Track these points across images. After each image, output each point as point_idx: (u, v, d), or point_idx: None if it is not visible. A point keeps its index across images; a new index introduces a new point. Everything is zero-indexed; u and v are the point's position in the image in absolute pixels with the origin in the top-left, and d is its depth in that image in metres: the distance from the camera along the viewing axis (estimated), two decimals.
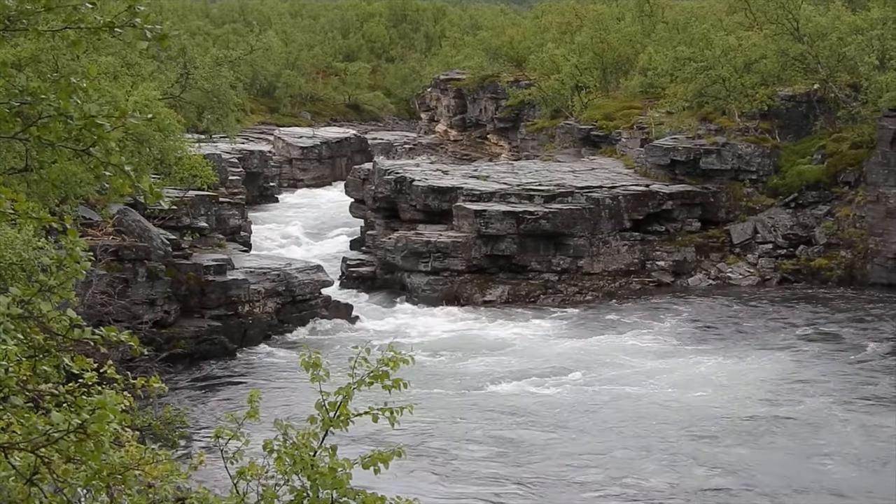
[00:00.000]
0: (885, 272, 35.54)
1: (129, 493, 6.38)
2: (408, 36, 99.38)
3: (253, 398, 7.21)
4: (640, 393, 25.12)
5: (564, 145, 48.22)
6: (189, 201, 33.02)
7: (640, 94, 48.14)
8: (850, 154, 37.83)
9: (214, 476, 12.43)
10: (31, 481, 6.02)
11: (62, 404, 6.20)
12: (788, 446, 21.38)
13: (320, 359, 6.98)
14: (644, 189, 38.49)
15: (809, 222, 37.94)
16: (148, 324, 27.17)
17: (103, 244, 26.55)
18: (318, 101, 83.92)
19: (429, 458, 21.03)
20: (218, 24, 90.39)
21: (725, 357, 28.04)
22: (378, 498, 6.45)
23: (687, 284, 37.08)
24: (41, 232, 16.59)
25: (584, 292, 36.27)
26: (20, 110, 6.07)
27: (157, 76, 38.54)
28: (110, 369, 7.11)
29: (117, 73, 30.18)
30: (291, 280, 31.58)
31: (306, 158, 63.30)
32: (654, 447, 21.43)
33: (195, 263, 29.88)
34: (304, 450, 6.64)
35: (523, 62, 61.51)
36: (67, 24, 6.06)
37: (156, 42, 5.99)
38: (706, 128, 40.82)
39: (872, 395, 24.54)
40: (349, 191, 44.61)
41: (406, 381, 6.84)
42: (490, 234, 36.02)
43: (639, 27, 56.04)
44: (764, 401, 24.23)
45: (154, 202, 6.22)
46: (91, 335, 6.34)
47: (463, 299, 35.69)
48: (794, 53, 40.54)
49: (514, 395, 25.33)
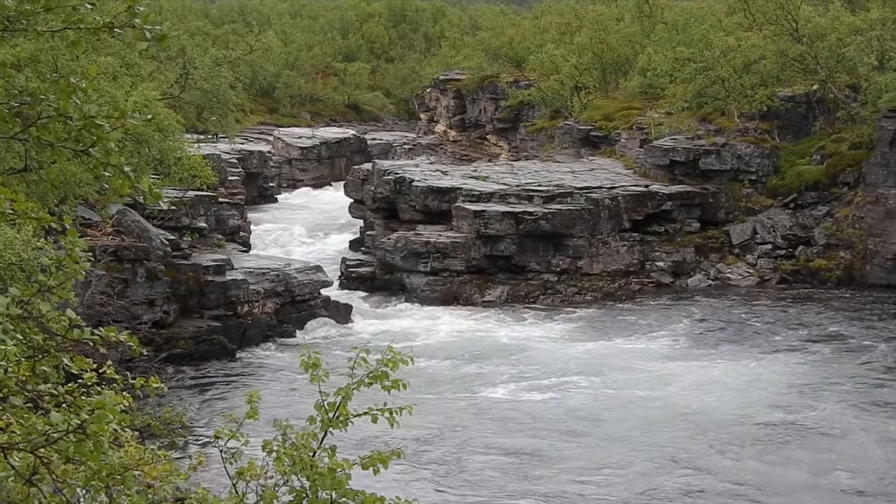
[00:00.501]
0: (884, 273, 35.55)
1: (129, 494, 6.38)
2: (407, 36, 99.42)
3: (252, 398, 7.21)
4: (648, 397, 24.92)
5: (564, 146, 48.24)
6: (188, 201, 33.02)
7: (640, 95, 48.17)
8: (850, 155, 37.83)
9: (213, 476, 12.43)
10: (31, 481, 6.02)
11: (61, 405, 6.19)
12: (803, 454, 21.03)
13: (320, 359, 6.97)
14: (643, 189, 38.49)
15: (809, 223, 37.94)
16: (147, 324, 27.16)
17: (102, 244, 26.54)
18: (317, 101, 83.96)
19: (429, 463, 20.97)
20: (217, 24, 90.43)
21: (731, 360, 27.84)
22: (377, 498, 6.45)
23: (686, 285, 37.07)
24: (40, 232, 16.59)
25: (583, 293, 36.26)
26: (20, 111, 6.07)
27: (157, 76, 38.54)
28: (109, 370, 7.10)
29: (116, 74, 30.17)
30: (291, 280, 31.56)
31: (306, 159, 63.31)
32: (664, 455, 21.19)
33: (194, 264, 29.88)
34: (303, 450, 6.64)
35: (523, 63, 61.55)
36: (67, 25, 6.06)
37: (155, 42, 5.99)
38: (705, 128, 40.84)
39: (883, 400, 24.27)
40: (348, 191, 44.62)
41: (405, 382, 6.83)
42: (489, 235, 36.02)
43: (638, 28, 56.08)
44: (775, 406, 24.00)
45: (153, 202, 6.23)
46: (90, 335, 6.33)
47: (462, 300, 35.69)
48: (794, 54, 40.55)
49: (515, 399, 25.20)
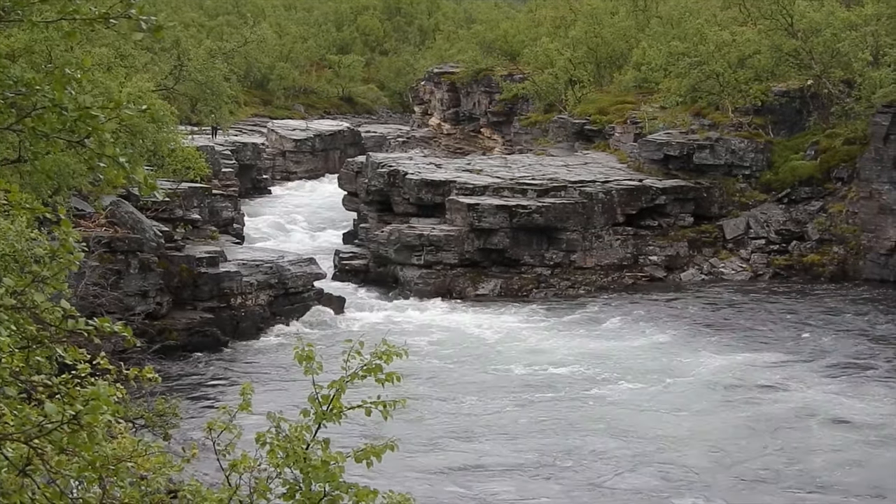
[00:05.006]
0: (877, 268, 35.60)
1: (122, 485, 6.38)
2: (402, 29, 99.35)
3: (245, 390, 7.21)
4: (648, 393, 24.79)
5: (558, 139, 48.25)
6: (182, 193, 32.97)
7: (634, 89, 48.20)
8: (844, 150, 37.87)
9: (207, 468, 12.44)
10: (24, 472, 6.02)
11: (55, 395, 6.19)
12: (813, 457, 20.71)
13: (313, 352, 6.97)
14: (637, 184, 38.50)
15: (802, 218, 37.98)
16: (140, 315, 27.15)
17: (96, 235, 26.52)
18: (311, 93, 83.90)
19: (422, 454, 20.99)
20: (212, 15, 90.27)
21: (730, 357, 27.61)
22: (371, 492, 6.44)
23: (679, 279, 37.11)
24: (34, 223, 16.56)
25: (576, 286, 36.29)
26: (14, 101, 6.06)
27: (151, 68, 38.49)
28: (103, 360, 7.10)
29: (111, 65, 30.13)
30: (284, 272, 31.54)
31: (299, 151, 63.29)
32: (669, 458, 21.14)
33: (188, 255, 29.85)
34: (296, 443, 6.63)
35: (517, 56, 61.55)
36: (62, 15, 6.05)
37: (151, 33, 5.98)
38: (699, 123, 40.86)
39: (872, 396, 24.11)
40: (342, 183, 44.61)
41: (399, 375, 6.83)
42: (483, 228, 36.01)
43: (633, 22, 56.11)
44: (771, 401, 23.95)
45: (148, 193, 6.21)
46: (84, 326, 6.32)
47: (455, 293, 35.69)
48: (788, 49, 40.58)
49: (509, 394, 25.15)
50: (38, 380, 6.41)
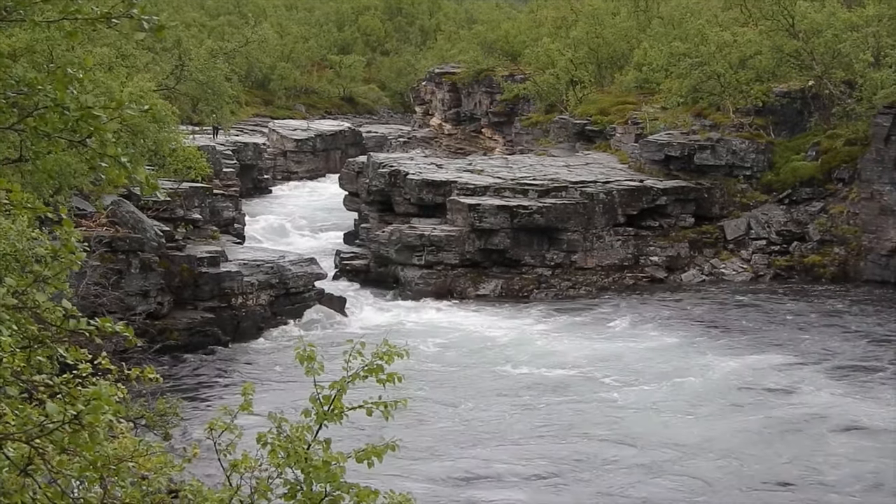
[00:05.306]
0: (878, 269, 35.58)
1: (123, 485, 6.38)
2: (403, 29, 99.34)
3: (246, 390, 7.21)
4: (657, 397, 24.62)
5: (559, 140, 48.25)
6: (183, 193, 32.97)
7: (635, 90, 48.19)
8: (845, 151, 37.86)
9: (208, 468, 12.42)
10: (26, 472, 6.02)
11: (56, 395, 6.19)
12: (828, 465, 20.53)
13: (314, 352, 6.97)
14: (638, 184, 38.48)
15: (803, 219, 37.96)
16: (141, 315, 27.15)
17: (97, 235, 26.51)
18: (312, 93, 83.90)
19: (424, 460, 20.90)
20: (213, 15, 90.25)
21: (738, 359, 27.37)
22: (372, 492, 6.44)
23: (680, 280, 37.09)
24: (35, 222, 16.56)
25: (577, 287, 36.28)
26: (16, 101, 6.06)
27: (153, 67, 38.49)
28: (105, 360, 7.10)
29: (112, 65, 30.13)
30: (285, 272, 31.53)
31: (300, 151, 63.28)
32: (673, 459, 21.01)
33: (189, 255, 29.84)
34: (297, 443, 6.64)
35: (518, 56, 61.52)
36: (64, 15, 6.05)
37: (152, 33, 5.98)
38: (701, 123, 40.84)
39: (874, 397, 24.06)
40: (343, 184, 44.61)
41: (401, 375, 6.83)
42: (484, 229, 36.01)
43: (634, 22, 56.09)
44: (782, 404, 23.82)
45: (150, 193, 6.22)
46: (86, 326, 6.33)
47: (456, 293, 35.68)
48: (789, 50, 40.56)
49: (512, 397, 25.05)
50: (39, 380, 6.41)
